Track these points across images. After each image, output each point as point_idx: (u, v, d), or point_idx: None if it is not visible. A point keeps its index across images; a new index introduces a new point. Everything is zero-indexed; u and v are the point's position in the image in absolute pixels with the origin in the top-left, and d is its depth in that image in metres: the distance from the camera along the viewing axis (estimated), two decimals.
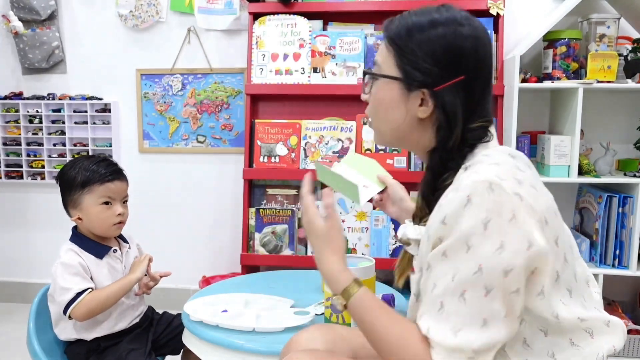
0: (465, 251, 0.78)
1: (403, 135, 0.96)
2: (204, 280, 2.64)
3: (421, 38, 0.89)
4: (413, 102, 0.92)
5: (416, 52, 0.89)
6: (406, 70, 0.91)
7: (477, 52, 0.90)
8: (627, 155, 2.42)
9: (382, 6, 2.40)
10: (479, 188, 0.78)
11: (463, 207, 0.78)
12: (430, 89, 0.89)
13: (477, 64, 0.90)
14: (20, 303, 2.86)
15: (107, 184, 1.52)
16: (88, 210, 1.52)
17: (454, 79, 0.88)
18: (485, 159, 0.86)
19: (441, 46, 0.88)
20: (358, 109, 2.49)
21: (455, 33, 0.89)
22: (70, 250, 1.52)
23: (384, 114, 0.97)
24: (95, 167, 1.53)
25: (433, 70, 0.88)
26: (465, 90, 0.89)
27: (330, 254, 0.96)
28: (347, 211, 2.45)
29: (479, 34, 0.91)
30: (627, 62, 2.19)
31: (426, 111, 0.91)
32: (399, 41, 0.91)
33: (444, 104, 0.89)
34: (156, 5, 2.69)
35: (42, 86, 2.84)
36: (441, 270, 0.80)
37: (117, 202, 1.54)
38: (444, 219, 0.80)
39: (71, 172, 1.53)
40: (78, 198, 1.52)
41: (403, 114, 0.93)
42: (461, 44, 0.89)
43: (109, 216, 1.52)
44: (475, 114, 0.90)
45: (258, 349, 1.22)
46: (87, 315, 1.46)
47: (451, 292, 0.78)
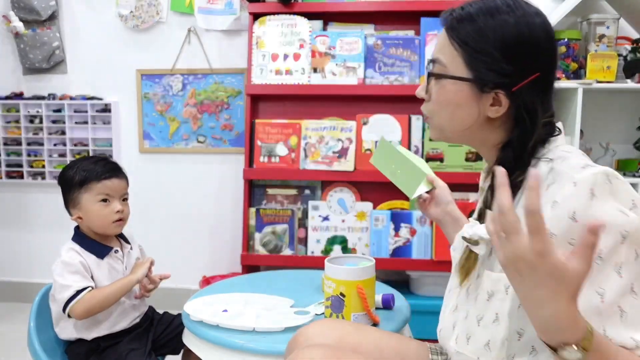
0: (621, 241, 0.74)
1: (469, 134, 0.93)
2: (204, 280, 2.64)
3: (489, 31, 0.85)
4: (484, 102, 0.88)
5: (488, 51, 0.85)
6: (478, 71, 0.87)
7: (550, 42, 0.86)
8: (626, 155, 2.42)
9: (382, 6, 2.40)
10: (599, 180, 0.76)
11: (590, 200, 0.75)
12: (505, 89, 0.86)
13: (550, 55, 0.87)
14: (20, 303, 2.87)
15: (104, 182, 1.53)
16: (87, 208, 1.53)
17: (530, 77, 0.85)
18: (567, 154, 0.84)
19: (513, 39, 0.84)
20: (358, 109, 2.50)
21: (526, 23, 0.84)
22: (71, 249, 1.52)
23: (450, 114, 0.92)
24: (93, 166, 1.54)
25: (507, 70, 0.85)
26: (541, 86, 0.86)
27: (566, 297, 0.67)
28: (347, 211, 2.46)
29: (548, 23, 0.87)
30: (627, 63, 2.19)
31: (499, 111, 0.88)
32: (466, 38, 0.86)
33: (524, 103, 0.86)
34: (156, 5, 2.70)
35: (42, 86, 2.84)
36: (602, 274, 0.74)
37: (115, 199, 1.55)
38: (573, 214, 0.75)
39: (70, 172, 1.55)
40: (77, 197, 1.53)
41: (473, 115, 0.89)
42: (534, 36, 0.85)
43: (108, 213, 1.53)
44: (545, 107, 0.88)
45: (258, 349, 1.22)
46: (85, 314, 1.46)
47: (623, 290, 0.74)
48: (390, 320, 1.36)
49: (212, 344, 1.29)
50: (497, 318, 0.86)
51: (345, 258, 1.36)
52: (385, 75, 2.44)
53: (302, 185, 2.56)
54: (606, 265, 0.75)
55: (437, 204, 1.26)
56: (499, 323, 0.85)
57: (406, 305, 1.47)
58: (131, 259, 1.62)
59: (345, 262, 1.34)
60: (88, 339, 1.52)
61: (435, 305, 2.25)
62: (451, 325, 0.99)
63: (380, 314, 1.37)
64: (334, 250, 2.44)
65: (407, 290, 2.47)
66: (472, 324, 0.91)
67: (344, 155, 2.41)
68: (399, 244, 2.38)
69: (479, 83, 0.87)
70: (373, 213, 2.40)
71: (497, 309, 0.86)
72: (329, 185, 2.51)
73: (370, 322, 1.30)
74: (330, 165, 2.41)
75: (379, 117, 2.43)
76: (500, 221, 0.66)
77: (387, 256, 2.37)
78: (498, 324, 0.85)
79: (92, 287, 1.47)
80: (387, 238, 2.38)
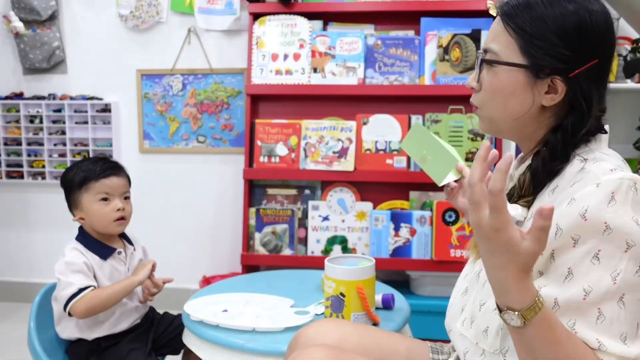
0: (625, 250, 0.73)
1: (520, 124, 0.90)
2: (204, 280, 2.64)
3: (549, 19, 0.83)
4: (539, 89, 0.86)
5: (546, 35, 0.83)
6: (535, 56, 0.85)
7: (609, 32, 0.85)
8: (626, 155, 2.42)
9: (382, 6, 2.40)
10: (624, 185, 0.75)
11: (607, 203, 0.74)
12: (563, 75, 0.83)
13: (609, 45, 0.85)
14: (20, 303, 2.87)
15: (103, 180, 1.53)
16: (88, 208, 1.53)
17: (588, 63, 0.83)
18: (606, 157, 0.82)
19: (573, 25, 0.82)
20: (358, 109, 2.50)
21: (587, 9, 0.83)
22: (75, 249, 1.53)
23: (502, 104, 0.90)
24: (92, 166, 1.55)
25: (566, 55, 0.82)
26: (599, 74, 0.85)
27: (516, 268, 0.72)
28: (347, 211, 2.46)
29: (607, 12, 0.85)
30: (627, 63, 2.19)
31: (554, 99, 0.86)
32: (524, 25, 0.85)
33: (581, 90, 0.84)
34: (156, 5, 2.70)
35: (42, 86, 2.84)
36: (594, 274, 0.74)
37: (115, 197, 1.55)
38: (584, 213, 0.75)
39: (70, 174, 1.56)
40: (77, 198, 1.54)
41: (528, 103, 0.87)
42: (595, 24, 0.83)
43: (108, 212, 1.53)
44: (600, 100, 0.86)
45: (258, 348, 1.22)
46: (86, 313, 1.46)
47: (611, 297, 0.73)
48: (390, 320, 1.36)
49: (212, 344, 1.29)
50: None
51: (345, 258, 1.37)
52: (385, 75, 2.44)
53: (302, 185, 2.56)
54: (602, 267, 0.75)
55: (465, 193, 1.24)
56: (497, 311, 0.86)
57: (406, 305, 1.47)
58: (134, 261, 1.63)
59: (345, 262, 1.34)
60: (89, 339, 1.52)
61: (435, 305, 2.28)
62: (460, 307, 0.99)
63: (380, 314, 1.37)
64: (334, 250, 2.44)
65: (407, 290, 2.47)
66: (476, 308, 0.92)
67: (344, 155, 2.41)
68: (398, 244, 2.38)
69: (534, 69, 0.85)
70: (373, 213, 2.40)
71: None
72: (329, 185, 2.51)
73: (370, 322, 1.30)
74: (330, 165, 2.41)
75: (379, 117, 2.43)
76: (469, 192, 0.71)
77: (387, 256, 2.37)
78: (496, 312, 0.86)
79: (94, 287, 1.48)
80: (387, 238, 2.38)
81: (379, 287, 1.50)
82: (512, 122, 0.91)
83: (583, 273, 0.75)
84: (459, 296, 1.02)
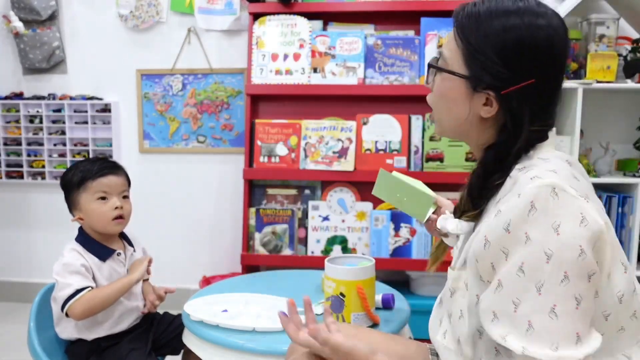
0: (545, 260, 0.74)
1: (463, 130, 0.93)
2: (204, 280, 2.64)
3: (492, 31, 0.84)
4: (477, 101, 0.88)
5: (486, 52, 0.85)
6: (474, 70, 0.87)
7: (551, 51, 0.85)
8: (626, 155, 2.42)
9: (382, 6, 2.40)
10: (542, 193, 0.75)
11: (527, 213, 0.75)
12: (497, 91, 0.86)
13: (550, 64, 0.85)
14: (20, 303, 2.87)
15: (100, 179, 1.53)
16: (86, 207, 1.53)
17: (523, 82, 0.84)
18: (541, 162, 0.83)
19: (512, 43, 0.83)
20: (358, 109, 2.50)
21: (530, 27, 0.83)
22: (74, 250, 1.52)
23: (446, 108, 0.93)
24: (90, 166, 1.55)
25: (502, 73, 0.85)
26: (534, 94, 0.85)
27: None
28: (347, 211, 2.46)
29: (555, 29, 0.85)
30: (627, 62, 2.19)
31: (490, 111, 0.88)
32: (470, 36, 0.87)
33: (510, 108, 0.86)
34: (156, 5, 2.70)
35: (42, 86, 2.84)
36: (521, 287, 0.75)
37: (113, 196, 1.55)
38: (507, 225, 0.76)
39: (68, 174, 1.56)
40: (76, 198, 1.54)
41: (466, 111, 0.90)
42: (534, 43, 0.83)
43: (106, 210, 1.53)
44: (539, 117, 0.87)
45: (258, 349, 1.22)
46: (84, 314, 1.45)
47: (540, 309, 0.74)
48: (390, 320, 1.36)
49: (212, 344, 1.29)
50: (461, 314, 0.88)
51: (345, 258, 1.37)
52: (385, 75, 2.44)
53: (302, 185, 2.56)
54: (527, 279, 0.75)
55: None
56: (463, 319, 0.87)
57: (406, 305, 1.47)
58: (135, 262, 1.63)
59: (345, 262, 1.34)
60: (88, 339, 1.52)
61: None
62: (438, 320, 1.00)
63: (380, 314, 1.37)
64: (334, 250, 2.44)
65: (407, 290, 2.47)
66: (447, 319, 0.93)
67: (344, 155, 2.41)
68: (399, 244, 2.38)
69: (472, 81, 0.88)
70: (373, 213, 2.40)
71: (460, 306, 0.88)
72: (329, 185, 2.51)
73: (370, 322, 1.30)
74: (330, 165, 2.41)
75: (379, 117, 2.43)
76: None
77: (387, 256, 2.38)
78: (463, 320, 0.87)
79: (92, 287, 1.47)
80: (387, 238, 2.38)
81: (379, 287, 1.50)
82: (456, 127, 0.94)
83: (511, 286, 0.76)
84: (436, 308, 1.03)
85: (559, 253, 0.74)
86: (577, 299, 0.74)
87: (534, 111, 0.86)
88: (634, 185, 2.19)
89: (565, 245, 0.74)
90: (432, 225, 1.24)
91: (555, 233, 0.74)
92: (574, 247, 0.74)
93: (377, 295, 1.38)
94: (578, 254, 0.74)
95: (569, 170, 0.83)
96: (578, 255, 0.74)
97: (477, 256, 0.82)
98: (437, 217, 1.22)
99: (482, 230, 0.81)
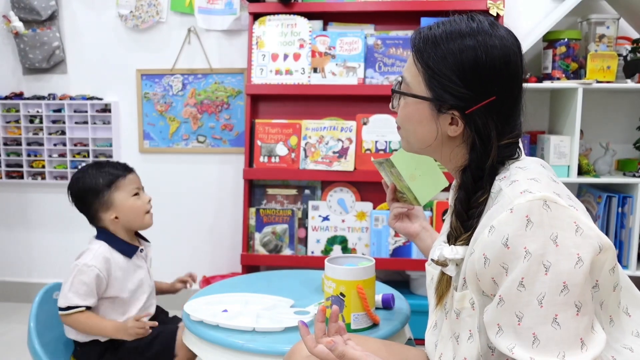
0: (544, 273, 0.76)
1: (432, 150, 0.96)
2: (204, 280, 2.64)
3: (449, 54, 0.87)
4: (443, 121, 0.91)
5: (445, 73, 0.87)
6: (436, 92, 0.89)
7: (507, 67, 0.87)
8: (626, 155, 2.42)
9: (382, 6, 2.40)
10: (535, 207, 0.77)
11: (524, 228, 0.77)
12: (460, 110, 0.88)
13: (508, 81, 0.88)
14: (20, 303, 2.87)
15: (129, 177, 1.62)
16: (123, 204, 1.58)
17: (484, 100, 0.87)
18: (520, 172, 0.85)
19: (470, 64, 0.86)
20: (358, 109, 2.50)
21: (485, 47, 0.86)
22: (99, 255, 1.54)
23: (413, 130, 0.96)
24: (109, 169, 1.61)
25: (463, 93, 0.87)
26: (497, 110, 0.88)
27: None
28: (347, 211, 2.46)
29: (509, 47, 0.88)
30: (627, 62, 2.19)
31: (456, 130, 0.90)
32: (429, 59, 0.89)
33: (476, 125, 0.88)
34: (156, 5, 2.70)
35: (42, 86, 2.84)
36: (523, 301, 0.77)
37: (142, 191, 1.64)
38: (506, 241, 0.78)
39: (87, 180, 1.57)
40: (109, 199, 1.57)
41: (433, 132, 0.92)
42: (491, 62, 0.86)
43: (142, 205, 1.62)
44: (506, 129, 0.89)
45: (258, 349, 1.22)
46: (73, 327, 1.53)
47: (542, 320, 0.76)
48: (390, 320, 1.36)
49: (212, 344, 1.29)
50: (471, 335, 0.88)
51: (345, 258, 1.37)
52: (385, 75, 2.44)
53: (302, 185, 2.56)
54: (528, 293, 0.77)
55: (416, 219, 1.29)
56: (473, 340, 0.87)
57: (406, 305, 1.47)
58: (149, 257, 1.70)
59: (345, 262, 1.34)
60: (102, 340, 1.55)
61: None
62: (433, 343, 1.01)
63: (380, 314, 1.37)
64: (334, 250, 2.44)
65: (407, 290, 2.47)
66: (454, 342, 0.92)
67: (344, 155, 2.41)
68: (399, 244, 2.38)
69: (436, 103, 0.90)
70: (373, 213, 2.40)
71: (469, 326, 0.88)
72: (329, 185, 2.51)
73: (370, 322, 1.30)
74: (330, 165, 2.41)
75: (379, 117, 2.43)
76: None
77: (387, 256, 2.38)
78: (472, 341, 0.88)
79: (88, 307, 1.51)
80: (387, 238, 2.38)
81: (379, 287, 1.50)
82: (425, 148, 0.96)
83: (513, 301, 0.78)
84: (430, 330, 1.04)
85: (557, 264, 0.76)
86: (577, 306, 0.76)
87: (499, 126, 0.88)
88: (634, 185, 2.19)
89: (563, 255, 0.76)
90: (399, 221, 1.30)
91: (554, 244, 0.76)
92: (571, 257, 0.76)
93: (377, 295, 1.38)
94: (575, 262, 0.76)
95: (546, 174, 0.86)
96: (575, 264, 0.76)
97: (478, 274, 0.83)
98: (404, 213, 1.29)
99: (477, 248, 0.82)
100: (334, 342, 0.91)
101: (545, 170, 0.87)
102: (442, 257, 0.92)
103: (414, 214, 1.31)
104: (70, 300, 1.49)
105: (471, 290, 0.86)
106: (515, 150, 0.91)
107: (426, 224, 1.31)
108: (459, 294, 0.89)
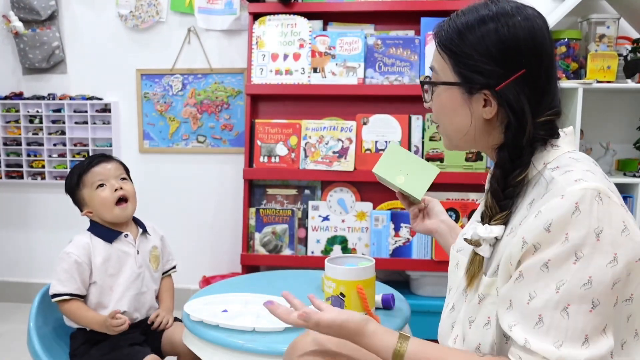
0: (574, 262, 0.75)
1: (472, 138, 0.94)
2: (204, 280, 2.64)
3: (473, 38, 0.88)
4: (476, 104, 0.90)
5: (471, 54, 0.88)
6: (464, 74, 0.90)
7: (534, 41, 0.87)
8: (626, 155, 2.42)
9: (382, 6, 2.40)
10: (588, 196, 0.76)
11: (571, 214, 0.75)
12: (491, 89, 0.87)
13: (536, 53, 0.87)
14: (20, 303, 2.87)
15: (92, 170, 1.60)
16: (91, 200, 1.59)
17: (514, 75, 0.86)
18: (575, 163, 0.84)
19: (494, 43, 0.86)
20: (358, 108, 2.50)
21: (507, 26, 0.86)
22: (79, 242, 1.58)
23: (449, 120, 0.95)
24: (81, 163, 1.63)
25: (491, 70, 0.87)
26: (529, 84, 0.87)
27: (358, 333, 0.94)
28: (347, 211, 2.46)
29: (533, 23, 0.88)
30: (627, 62, 2.19)
31: (491, 111, 0.89)
32: (452, 45, 0.90)
33: (509, 101, 0.87)
34: (156, 5, 2.70)
35: (42, 86, 2.84)
36: (541, 281, 0.76)
37: (109, 180, 1.60)
38: (549, 225, 0.77)
39: (68, 178, 1.64)
40: (80, 196, 1.61)
41: (468, 118, 0.92)
42: (515, 37, 0.86)
43: (107, 195, 1.59)
44: (542, 106, 0.88)
45: (258, 349, 1.22)
46: (65, 315, 1.57)
47: (553, 305, 0.75)
48: (390, 320, 1.35)
49: (212, 344, 1.29)
50: (488, 322, 0.87)
51: (345, 258, 1.36)
52: (385, 75, 2.43)
53: (302, 185, 2.56)
54: (549, 275, 0.76)
55: (434, 215, 1.28)
56: (490, 327, 0.86)
57: (406, 305, 1.47)
58: (147, 246, 1.68)
59: (345, 262, 1.34)
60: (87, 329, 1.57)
61: (435, 306, 2.27)
62: (450, 325, 0.99)
63: (380, 314, 1.37)
64: (334, 250, 2.44)
65: (407, 290, 2.47)
66: (466, 325, 0.91)
67: (344, 155, 2.41)
68: (399, 244, 2.38)
69: (466, 86, 0.90)
70: (373, 213, 2.40)
71: (489, 313, 0.87)
72: (329, 185, 2.51)
73: None
74: (330, 165, 2.41)
75: (379, 117, 2.42)
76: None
77: (387, 256, 2.37)
78: (489, 328, 0.86)
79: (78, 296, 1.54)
80: (387, 238, 2.38)
81: (379, 287, 1.50)
82: (462, 136, 0.95)
83: (531, 279, 0.78)
84: (447, 312, 1.02)
85: (590, 257, 0.74)
86: (594, 303, 0.74)
87: (532, 102, 0.87)
88: (634, 185, 2.18)
89: (600, 251, 0.74)
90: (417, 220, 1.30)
91: (595, 238, 0.75)
92: (607, 254, 0.74)
93: (377, 295, 1.38)
94: (609, 260, 0.74)
95: (600, 171, 0.84)
96: (609, 262, 0.74)
97: (512, 258, 0.82)
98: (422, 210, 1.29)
99: (519, 233, 0.81)
100: (305, 313, 0.94)
101: (599, 168, 0.86)
102: (475, 235, 0.90)
103: (431, 210, 1.29)
104: (54, 287, 1.53)
105: (500, 279, 0.84)
106: (555, 129, 0.90)
107: (445, 217, 1.28)
108: (489, 280, 0.88)
